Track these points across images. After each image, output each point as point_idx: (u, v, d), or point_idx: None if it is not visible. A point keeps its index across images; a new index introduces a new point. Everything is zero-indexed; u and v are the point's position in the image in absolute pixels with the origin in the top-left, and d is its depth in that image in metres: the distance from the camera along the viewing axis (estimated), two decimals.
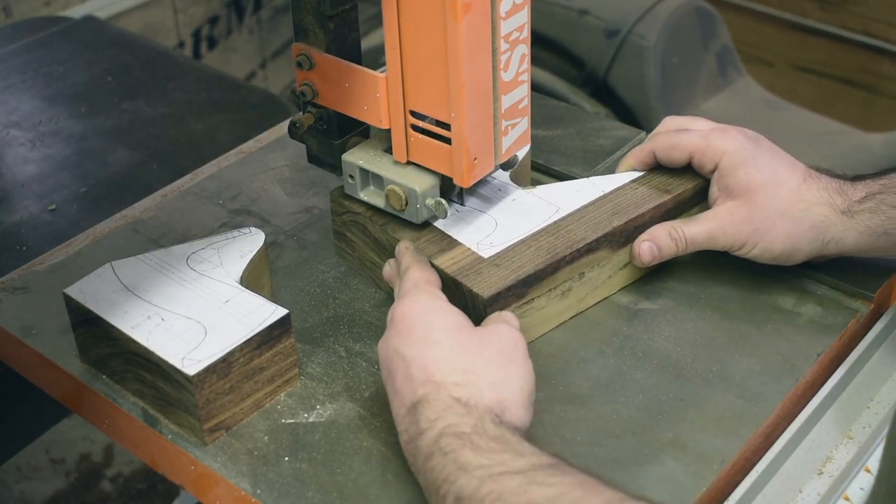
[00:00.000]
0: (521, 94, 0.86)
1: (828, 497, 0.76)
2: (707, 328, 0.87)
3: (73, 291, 0.82)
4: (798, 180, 0.86)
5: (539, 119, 1.06)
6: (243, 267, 0.84)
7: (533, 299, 0.84)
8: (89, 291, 0.82)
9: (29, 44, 1.62)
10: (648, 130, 0.99)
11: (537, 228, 0.87)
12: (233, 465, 0.77)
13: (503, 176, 0.92)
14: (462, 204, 0.90)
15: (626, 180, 0.92)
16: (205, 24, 2.49)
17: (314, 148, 0.94)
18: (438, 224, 0.88)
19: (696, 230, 0.88)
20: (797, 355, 0.84)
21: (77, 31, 1.67)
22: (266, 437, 0.78)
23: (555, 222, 0.87)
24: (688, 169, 0.92)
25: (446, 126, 0.83)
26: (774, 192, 0.86)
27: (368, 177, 0.89)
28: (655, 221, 0.89)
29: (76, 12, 2.06)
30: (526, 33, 0.83)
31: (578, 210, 0.89)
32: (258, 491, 0.74)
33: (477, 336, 0.75)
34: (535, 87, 0.92)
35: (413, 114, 0.85)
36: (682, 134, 0.91)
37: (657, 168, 0.93)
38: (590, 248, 0.86)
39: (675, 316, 0.88)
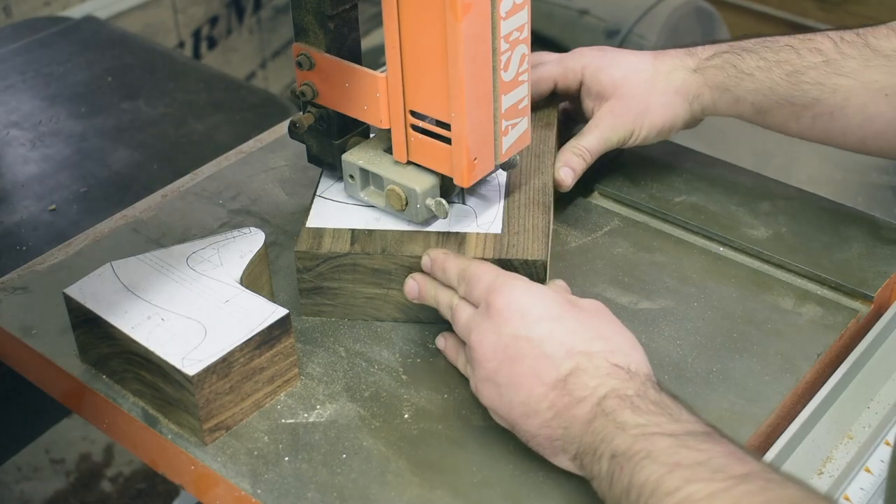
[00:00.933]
0: (521, 94, 0.86)
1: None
2: (707, 328, 0.87)
3: (73, 291, 0.82)
4: (650, 60, 0.96)
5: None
6: (243, 267, 0.84)
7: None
8: (89, 291, 0.82)
9: (29, 44, 1.62)
10: None
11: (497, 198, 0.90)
12: (233, 465, 0.77)
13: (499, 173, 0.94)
14: (464, 203, 0.90)
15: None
16: (205, 24, 2.49)
17: (314, 148, 0.94)
18: (437, 227, 0.88)
19: (591, 139, 0.96)
20: (797, 355, 0.84)
21: (77, 31, 1.67)
22: (266, 437, 0.78)
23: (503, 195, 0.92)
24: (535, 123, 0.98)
25: (446, 126, 0.83)
26: (637, 77, 0.95)
27: (368, 177, 0.90)
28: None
29: (76, 12, 2.06)
30: (526, 33, 0.83)
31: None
32: (258, 491, 0.74)
33: (584, 308, 0.76)
34: None
35: (413, 114, 0.85)
36: (538, 67, 0.99)
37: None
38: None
39: (675, 316, 0.88)
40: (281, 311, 0.79)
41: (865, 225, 0.97)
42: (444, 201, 0.86)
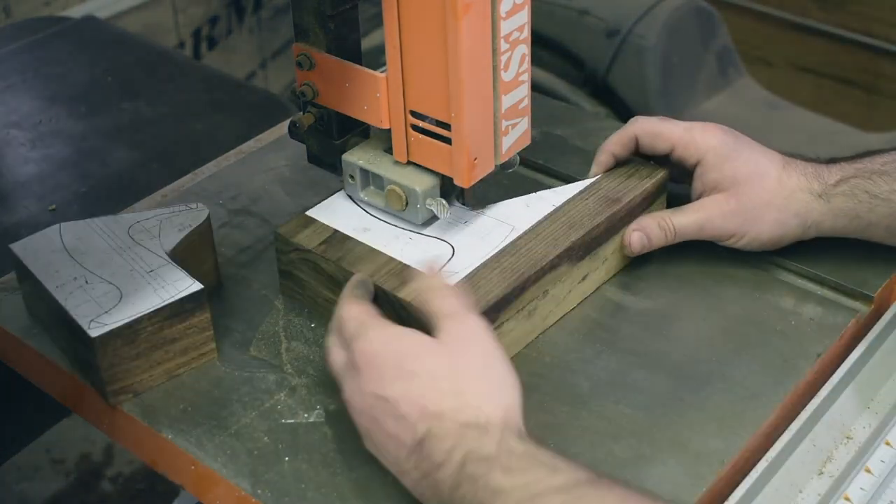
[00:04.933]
0: (521, 94, 0.86)
1: (828, 497, 0.76)
2: (707, 328, 0.87)
3: (17, 247, 0.87)
4: (779, 169, 0.89)
5: (539, 119, 1.06)
6: (178, 240, 0.87)
7: (502, 323, 0.82)
8: (31, 248, 0.87)
9: (29, 44, 1.62)
10: None
11: (496, 250, 0.85)
12: (233, 465, 0.77)
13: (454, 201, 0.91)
14: (463, 204, 0.90)
15: (574, 192, 0.91)
16: (205, 24, 2.49)
17: (314, 148, 0.94)
18: (394, 254, 0.85)
19: (685, 220, 0.90)
20: (797, 355, 0.84)
21: (77, 31, 1.67)
22: (266, 437, 0.78)
23: (512, 242, 0.86)
24: (634, 174, 0.93)
25: (446, 126, 0.83)
26: (760, 183, 0.88)
27: (368, 177, 0.89)
28: (610, 232, 0.89)
29: (76, 12, 2.06)
30: (526, 33, 0.83)
31: (533, 227, 0.87)
32: (258, 491, 0.74)
33: (446, 351, 0.71)
34: (535, 87, 0.92)
35: (413, 114, 0.85)
36: (665, 122, 0.93)
37: (605, 175, 0.93)
38: (553, 265, 0.85)
39: (675, 316, 0.88)
40: (196, 286, 0.82)
41: None
42: (444, 201, 0.86)
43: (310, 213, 0.90)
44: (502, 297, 0.81)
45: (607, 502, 0.62)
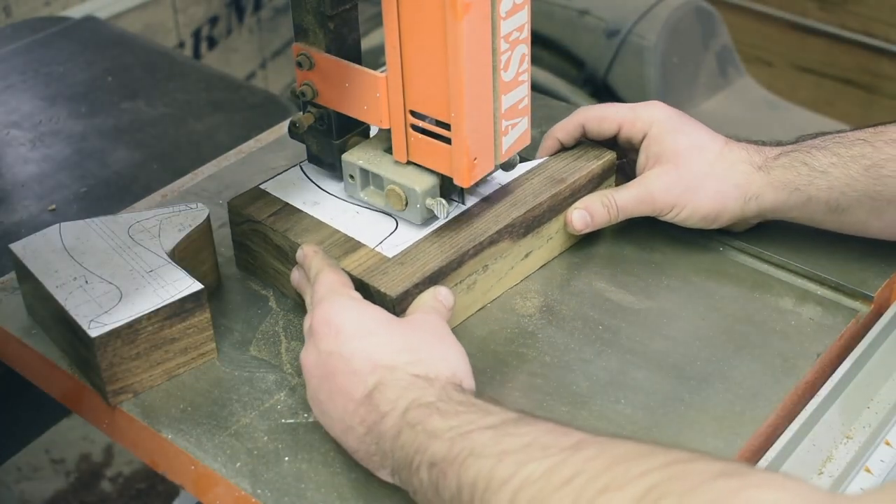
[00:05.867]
0: (521, 94, 0.86)
1: None
2: (707, 328, 0.87)
3: (17, 247, 0.87)
4: (720, 144, 0.91)
5: (539, 119, 1.06)
6: (178, 240, 0.87)
7: None
8: (31, 249, 0.86)
9: (29, 44, 1.62)
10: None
11: (438, 225, 0.88)
12: (233, 465, 0.77)
13: None
14: (463, 203, 0.90)
15: (521, 171, 0.93)
16: (205, 24, 2.49)
17: (314, 148, 0.94)
18: (340, 227, 0.88)
19: (625, 196, 0.91)
20: (797, 355, 0.84)
21: (77, 31, 1.67)
22: (266, 437, 0.78)
23: (455, 217, 0.88)
24: (581, 156, 0.95)
25: (446, 126, 0.83)
26: (700, 154, 0.90)
27: (368, 177, 0.90)
28: (554, 210, 0.91)
29: (76, 12, 2.06)
30: (526, 33, 0.83)
31: (476, 203, 0.90)
32: (258, 491, 0.74)
33: (406, 322, 0.76)
34: (535, 87, 0.92)
35: (413, 114, 0.85)
36: (610, 106, 0.95)
37: (551, 157, 0.95)
38: (492, 241, 0.87)
39: (675, 316, 0.88)
40: (196, 286, 0.82)
41: None
42: (444, 201, 0.86)
43: (263, 185, 0.93)
44: (438, 269, 0.83)
45: (531, 433, 0.63)
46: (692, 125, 0.92)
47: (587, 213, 0.92)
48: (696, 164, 0.90)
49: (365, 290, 0.82)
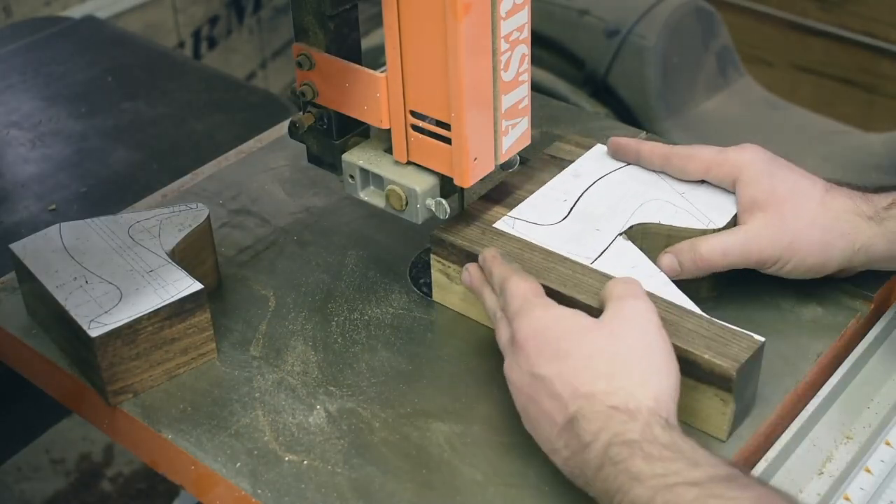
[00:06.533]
0: (521, 94, 0.86)
1: (828, 497, 0.76)
2: None
3: (17, 247, 0.87)
4: (821, 191, 0.85)
5: (539, 119, 1.06)
6: (178, 240, 0.87)
7: None
8: (31, 249, 0.87)
9: (29, 44, 1.62)
10: (648, 130, 0.99)
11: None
12: (233, 465, 0.77)
13: None
14: (462, 207, 0.90)
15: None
16: (205, 24, 2.49)
17: (314, 148, 0.94)
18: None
19: (728, 242, 0.85)
20: (797, 355, 0.84)
21: (77, 31, 1.67)
22: (266, 437, 0.78)
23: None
24: None
25: (446, 126, 0.83)
26: (802, 202, 0.84)
27: (368, 177, 0.89)
28: None
29: (76, 12, 2.06)
30: (526, 33, 0.83)
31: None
32: (258, 491, 0.74)
33: (606, 332, 0.73)
34: (535, 87, 0.92)
35: (413, 114, 0.85)
36: (697, 146, 0.90)
37: None
38: None
39: None
40: (196, 286, 0.82)
41: None
42: (444, 201, 0.86)
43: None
44: None
45: (739, 500, 0.61)
46: (788, 169, 0.86)
47: (676, 263, 0.85)
48: (799, 213, 0.83)
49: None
